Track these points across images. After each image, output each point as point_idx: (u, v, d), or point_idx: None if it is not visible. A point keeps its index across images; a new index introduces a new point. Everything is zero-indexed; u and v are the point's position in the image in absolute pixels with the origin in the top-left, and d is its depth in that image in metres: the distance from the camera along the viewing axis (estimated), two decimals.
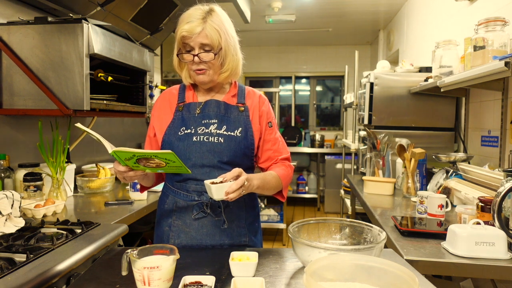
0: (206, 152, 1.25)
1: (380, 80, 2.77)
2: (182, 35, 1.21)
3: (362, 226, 1.14)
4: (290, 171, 1.37)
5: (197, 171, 1.25)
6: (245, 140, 1.28)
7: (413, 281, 0.74)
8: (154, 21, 2.67)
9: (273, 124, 1.38)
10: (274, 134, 1.37)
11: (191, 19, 1.20)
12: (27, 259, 1.10)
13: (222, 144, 1.25)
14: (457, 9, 2.65)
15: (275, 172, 1.31)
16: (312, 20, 4.86)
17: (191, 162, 1.25)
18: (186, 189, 1.28)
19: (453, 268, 1.23)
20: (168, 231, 1.31)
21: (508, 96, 1.94)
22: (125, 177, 1.17)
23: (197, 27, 1.19)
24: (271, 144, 1.35)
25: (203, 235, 1.27)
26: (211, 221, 1.27)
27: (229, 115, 1.30)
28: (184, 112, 1.31)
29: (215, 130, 1.27)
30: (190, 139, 1.26)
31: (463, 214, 1.51)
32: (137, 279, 0.89)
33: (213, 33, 1.21)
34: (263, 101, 1.38)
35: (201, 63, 1.23)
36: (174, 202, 1.31)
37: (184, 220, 1.28)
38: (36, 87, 1.74)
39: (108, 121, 2.84)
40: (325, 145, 6.02)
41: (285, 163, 1.37)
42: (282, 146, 1.39)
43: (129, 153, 1.06)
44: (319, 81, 6.68)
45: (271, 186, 1.27)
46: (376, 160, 2.75)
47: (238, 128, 1.28)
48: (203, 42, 1.21)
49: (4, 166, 1.80)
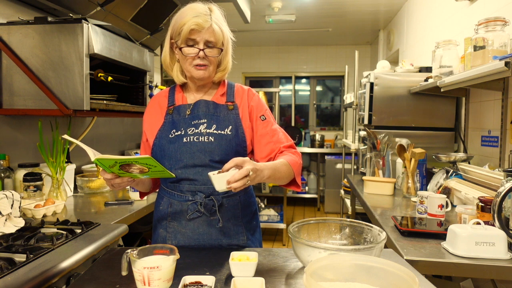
0: (197, 152, 1.24)
1: (380, 80, 2.77)
2: (191, 28, 1.18)
3: (362, 226, 1.14)
4: (299, 158, 1.29)
5: (189, 171, 1.24)
6: (236, 138, 1.26)
7: (413, 281, 0.74)
8: (154, 21, 2.67)
9: (266, 117, 1.32)
10: (270, 126, 1.32)
11: (198, 13, 1.19)
12: (27, 259, 1.10)
13: (213, 143, 1.24)
14: (457, 9, 2.65)
15: (284, 159, 1.24)
16: (312, 20, 4.86)
17: (183, 163, 1.24)
18: (179, 189, 1.27)
19: (453, 268, 1.23)
20: (164, 233, 1.30)
21: (508, 96, 1.94)
22: (113, 184, 1.16)
23: (206, 22, 1.18)
24: (270, 136, 1.30)
25: (199, 235, 1.26)
26: (206, 220, 1.26)
27: (218, 114, 1.29)
28: (174, 115, 1.30)
29: (205, 130, 1.25)
30: (181, 141, 1.25)
31: (463, 214, 1.51)
32: (137, 279, 0.89)
33: (218, 30, 1.21)
34: (251, 96, 1.34)
35: (205, 58, 1.22)
36: (169, 203, 1.30)
37: (179, 221, 1.28)
38: (36, 87, 1.74)
39: (108, 121, 2.84)
40: (325, 145, 6.02)
41: (291, 150, 1.31)
42: (283, 136, 1.33)
43: (111, 160, 1.05)
44: (319, 81, 6.68)
45: (283, 175, 1.21)
46: (376, 160, 2.75)
47: (228, 127, 1.27)
48: (209, 39, 1.20)
49: (4, 166, 1.80)
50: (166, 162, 1.26)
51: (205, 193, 1.25)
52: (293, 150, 1.32)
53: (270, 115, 1.35)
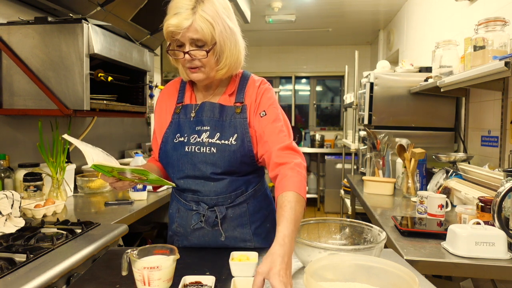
0: (198, 164, 1.17)
1: (380, 80, 2.77)
2: (168, 30, 1.06)
3: (362, 226, 1.14)
4: (302, 173, 1.09)
5: (191, 182, 1.20)
6: (242, 148, 1.16)
7: (413, 281, 0.74)
8: (154, 21, 2.67)
9: (267, 112, 1.18)
10: (269, 123, 1.16)
11: (179, 10, 1.04)
12: (27, 259, 1.10)
13: (215, 155, 1.15)
14: (457, 9, 2.65)
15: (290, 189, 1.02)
16: (312, 20, 4.86)
17: (184, 173, 1.20)
18: (184, 198, 1.25)
19: (453, 268, 1.23)
20: (174, 236, 1.31)
21: (508, 96, 1.94)
22: (115, 187, 1.15)
23: (185, 20, 1.03)
24: (267, 135, 1.15)
25: (205, 243, 1.26)
26: (210, 231, 1.23)
27: (224, 119, 1.18)
28: (181, 115, 1.24)
29: (207, 139, 1.17)
30: (183, 149, 1.19)
31: (463, 214, 1.51)
32: (137, 279, 0.89)
33: (205, 26, 1.05)
34: (260, 91, 1.21)
35: (194, 60, 1.10)
36: (177, 208, 1.29)
37: (185, 228, 1.26)
38: (36, 87, 1.74)
39: (108, 121, 2.84)
40: (325, 145, 6.02)
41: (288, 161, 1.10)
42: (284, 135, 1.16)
43: (108, 167, 1.04)
44: (319, 81, 6.68)
45: (301, 215, 1.00)
46: (376, 160, 2.75)
47: (233, 135, 1.16)
48: (193, 37, 1.06)
49: (4, 166, 1.80)
50: (170, 170, 1.24)
51: (208, 204, 1.21)
52: (292, 160, 1.10)
53: (274, 110, 1.19)
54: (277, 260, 0.83)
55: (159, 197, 2.07)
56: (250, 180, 1.25)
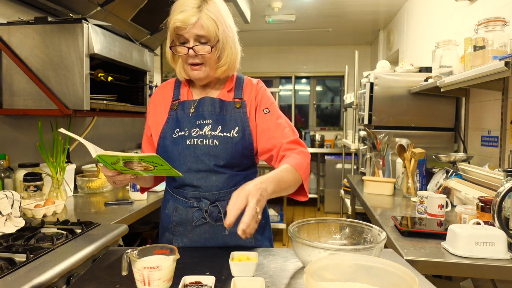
0: (201, 156, 1.19)
1: (380, 80, 2.77)
2: (175, 26, 1.11)
3: (362, 226, 1.14)
4: (306, 158, 1.17)
5: (193, 176, 1.20)
6: (243, 140, 1.20)
7: (413, 281, 0.74)
8: (154, 21, 2.67)
9: (271, 110, 1.25)
10: (274, 119, 1.23)
11: (185, 7, 1.10)
12: (27, 259, 1.10)
13: (218, 147, 1.18)
14: (457, 9, 2.65)
15: (288, 163, 1.13)
16: (312, 20, 4.86)
17: (186, 167, 1.20)
18: (184, 195, 1.24)
19: (453, 268, 1.23)
20: (171, 236, 1.29)
21: (508, 96, 1.94)
22: (115, 181, 1.12)
23: (192, 16, 1.09)
24: (272, 131, 1.22)
25: (206, 239, 1.25)
26: (212, 226, 1.23)
27: (224, 113, 1.22)
28: (178, 111, 1.25)
29: (210, 132, 1.20)
30: (184, 143, 1.20)
31: (463, 214, 1.51)
32: (137, 279, 0.89)
33: (210, 23, 1.11)
34: (259, 89, 1.27)
35: (197, 56, 1.15)
36: (174, 207, 1.28)
37: (185, 226, 1.25)
38: (36, 87, 1.74)
39: (108, 121, 2.84)
40: (325, 145, 6.02)
41: (295, 148, 1.19)
42: (289, 130, 1.24)
43: (114, 157, 1.01)
44: (319, 81, 6.68)
45: (289, 184, 1.10)
46: (376, 160, 2.75)
47: (235, 128, 1.20)
48: (198, 34, 1.11)
49: (4, 166, 1.80)
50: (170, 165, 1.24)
51: (210, 200, 1.21)
52: (299, 148, 1.20)
53: (276, 108, 1.27)
54: (251, 183, 0.99)
55: (159, 197, 2.07)
56: (249, 176, 1.27)
